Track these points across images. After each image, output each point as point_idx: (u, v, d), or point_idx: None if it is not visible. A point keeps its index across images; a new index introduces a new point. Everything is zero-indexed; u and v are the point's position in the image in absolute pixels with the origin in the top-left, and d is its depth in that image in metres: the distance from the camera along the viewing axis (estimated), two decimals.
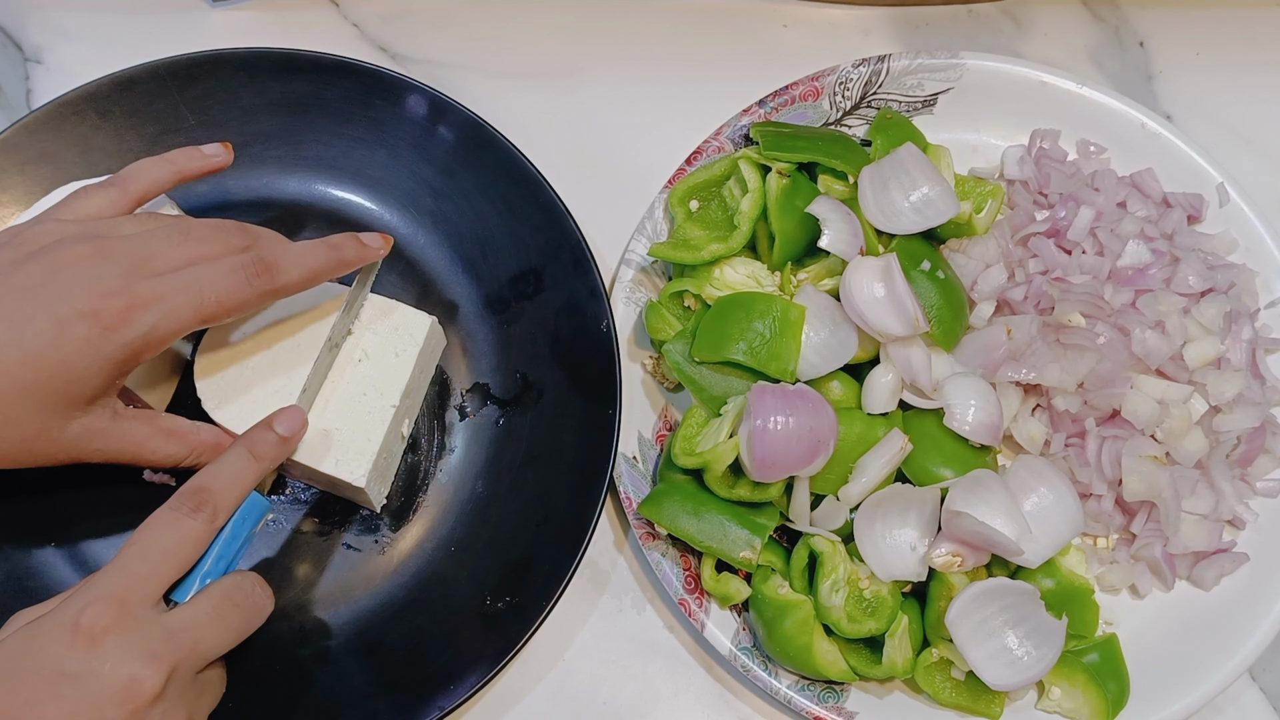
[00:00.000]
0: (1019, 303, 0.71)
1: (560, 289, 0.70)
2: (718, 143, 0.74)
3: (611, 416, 0.66)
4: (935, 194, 0.68)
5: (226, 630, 0.54)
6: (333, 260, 0.62)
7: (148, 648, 0.50)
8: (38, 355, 0.53)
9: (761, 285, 0.68)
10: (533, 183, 0.71)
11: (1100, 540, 0.70)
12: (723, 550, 0.64)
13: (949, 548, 0.62)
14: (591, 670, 0.68)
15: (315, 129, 0.73)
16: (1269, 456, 0.71)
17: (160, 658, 0.50)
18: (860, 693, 0.66)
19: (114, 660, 0.49)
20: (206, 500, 0.55)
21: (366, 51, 0.80)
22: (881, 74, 0.76)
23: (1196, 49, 0.84)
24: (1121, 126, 0.77)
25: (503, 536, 0.66)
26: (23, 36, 0.79)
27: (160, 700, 0.50)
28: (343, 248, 0.62)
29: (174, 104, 0.72)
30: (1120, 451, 0.67)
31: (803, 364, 0.66)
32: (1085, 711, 0.65)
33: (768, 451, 0.61)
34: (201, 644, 0.52)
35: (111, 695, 0.49)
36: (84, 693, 0.49)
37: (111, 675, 0.49)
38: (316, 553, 0.66)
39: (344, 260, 0.62)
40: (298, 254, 0.60)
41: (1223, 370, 0.70)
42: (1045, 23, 0.84)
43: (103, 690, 0.49)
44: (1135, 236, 0.72)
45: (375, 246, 0.64)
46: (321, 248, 0.62)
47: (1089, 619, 0.66)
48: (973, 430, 0.65)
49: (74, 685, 0.49)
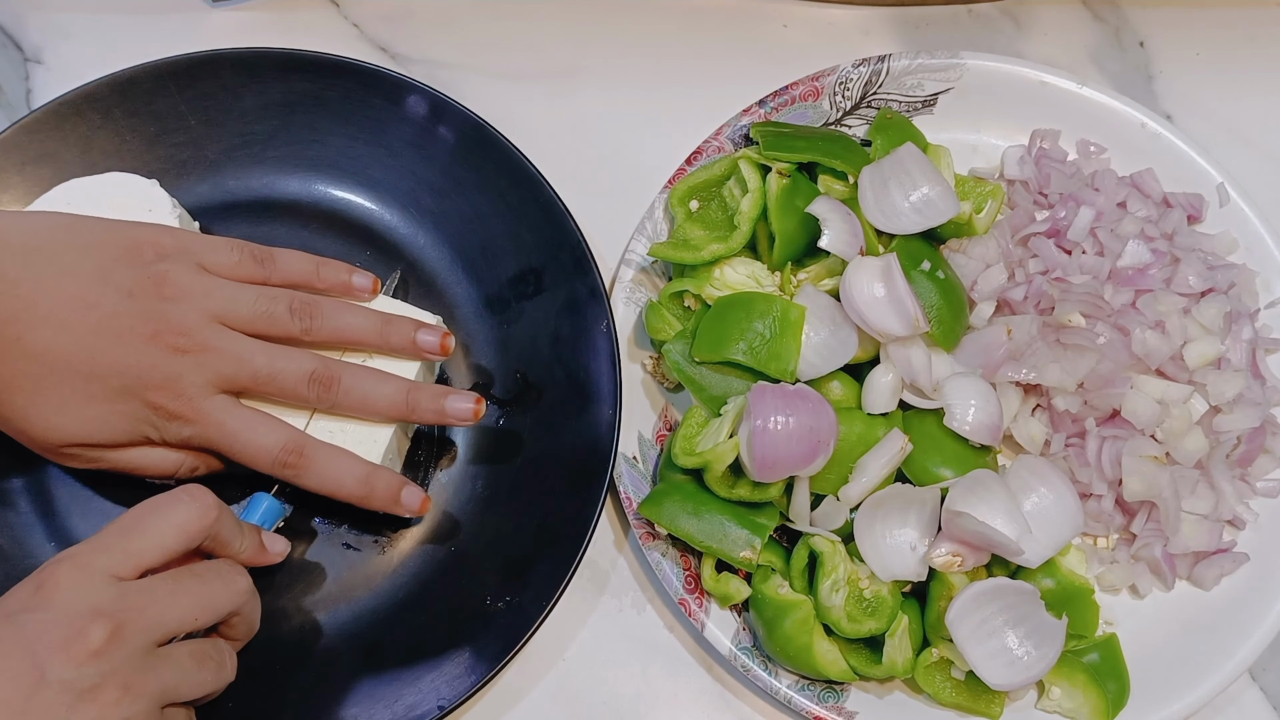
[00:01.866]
0: (1019, 303, 0.71)
1: (560, 289, 0.70)
2: (718, 143, 0.74)
3: (611, 416, 0.66)
4: (935, 194, 0.68)
5: (184, 597, 0.54)
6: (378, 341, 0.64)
7: (95, 604, 0.50)
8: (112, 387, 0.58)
9: (761, 285, 0.68)
10: (533, 183, 0.71)
11: (1100, 540, 0.70)
12: (723, 550, 0.64)
13: (949, 548, 0.62)
14: (591, 670, 0.68)
15: (315, 129, 0.73)
16: (1269, 456, 0.71)
17: (105, 614, 0.50)
18: (860, 693, 0.66)
19: (58, 608, 0.50)
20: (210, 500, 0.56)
21: (366, 51, 0.80)
22: (881, 74, 0.76)
23: (1196, 49, 0.84)
24: (1121, 126, 0.77)
25: (503, 536, 0.66)
26: (23, 36, 0.79)
27: (100, 658, 0.49)
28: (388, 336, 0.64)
29: (174, 104, 0.72)
30: (1120, 451, 0.67)
31: (803, 364, 0.66)
32: (1085, 711, 0.65)
33: (768, 451, 0.61)
34: (150, 610, 0.52)
35: (50, 641, 0.49)
36: (21, 635, 0.49)
37: (52, 622, 0.49)
38: (316, 553, 0.66)
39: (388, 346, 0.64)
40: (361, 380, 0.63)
41: (1223, 370, 0.70)
42: (1045, 23, 0.84)
43: (41, 635, 0.49)
44: (1135, 236, 0.72)
45: (429, 346, 0.64)
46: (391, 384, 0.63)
47: (1089, 619, 0.66)
48: (973, 430, 0.65)
49: (13, 628, 0.49)
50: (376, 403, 0.62)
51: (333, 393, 0.62)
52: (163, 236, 0.61)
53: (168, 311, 0.58)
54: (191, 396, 0.59)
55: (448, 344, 0.64)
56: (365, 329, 0.63)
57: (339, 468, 0.61)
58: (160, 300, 0.59)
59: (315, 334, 0.62)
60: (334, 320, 0.63)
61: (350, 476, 0.62)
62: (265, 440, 0.60)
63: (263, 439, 0.60)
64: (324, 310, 0.63)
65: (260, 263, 0.63)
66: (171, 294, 0.59)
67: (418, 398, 0.63)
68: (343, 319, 0.63)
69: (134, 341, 0.58)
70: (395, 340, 0.64)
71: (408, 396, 0.63)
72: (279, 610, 0.65)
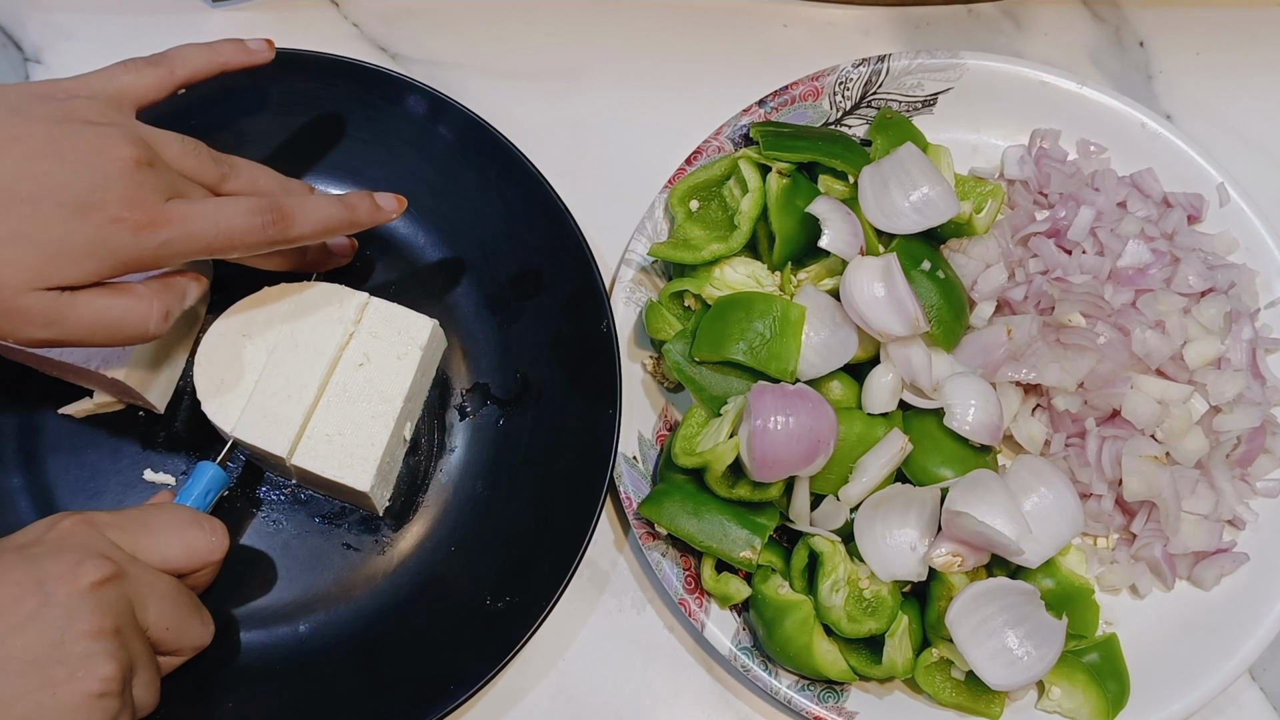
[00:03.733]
0: (1019, 303, 0.71)
1: (560, 289, 0.70)
2: (718, 143, 0.74)
3: (611, 416, 0.66)
4: (935, 194, 0.68)
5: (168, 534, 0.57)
6: (346, 219, 0.63)
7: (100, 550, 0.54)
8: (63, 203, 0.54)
9: (761, 285, 0.68)
10: (533, 183, 0.71)
11: (1100, 540, 0.70)
12: (723, 550, 0.64)
13: (949, 548, 0.62)
14: (591, 670, 0.68)
15: (315, 129, 0.73)
16: (1269, 456, 0.71)
17: (108, 560, 0.53)
18: (860, 693, 0.66)
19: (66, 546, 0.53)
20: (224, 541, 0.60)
21: (366, 51, 0.80)
22: (881, 74, 0.76)
23: (1196, 49, 0.84)
24: (1121, 126, 0.77)
25: (503, 536, 0.66)
26: (23, 36, 0.79)
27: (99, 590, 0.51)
28: (356, 207, 0.63)
29: (174, 104, 0.72)
30: (1120, 451, 0.67)
31: (803, 364, 0.66)
32: (1085, 711, 0.65)
33: (768, 451, 0.61)
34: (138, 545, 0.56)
35: (55, 570, 0.51)
36: (31, 564, 0.52)
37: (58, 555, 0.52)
38: (316, 553, 0.66)
39: (357, 220, 0.63)
40: (314, 206, 0.61)
41: (1223, 370, 0.70)
42: (1045, 23, 0.84)
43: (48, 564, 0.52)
44: (1135, 236, 0.72)
45: (389, 209, 0.64)
46: (337, 204, 0.62)
47: (1089, 619, 0.66)
48: (973, 430, 0.65)
49: (24, 558, 0.52)
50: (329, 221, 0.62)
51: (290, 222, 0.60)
52: (77, 87, 0.59)
53: (106, 132, 0.56)
54: (153, 203, 0.56)
55: (403, 201, 0.65)
56: (334, 215, 0.62)
57: (319, 208, 0.61)
58: (89, 125, 0.56)
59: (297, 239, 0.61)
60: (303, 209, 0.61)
61: (333, 211, 0.62)
62: (242, 217, 0.58)
63: (239, 217, 0.58)
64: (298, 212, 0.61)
65: (216, 162, 0.61)
66: (98, 120, 0.57)
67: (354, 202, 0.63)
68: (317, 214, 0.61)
69: (78, 159, 0.55)
70: (362, 214, 0.63)
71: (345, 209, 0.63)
72: (279, 610, 0.65)
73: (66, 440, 0.67)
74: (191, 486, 0.63)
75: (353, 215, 0.63)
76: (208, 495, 0.63)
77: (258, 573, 0.66)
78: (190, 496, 0.63)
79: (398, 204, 0.65)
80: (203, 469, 0.64)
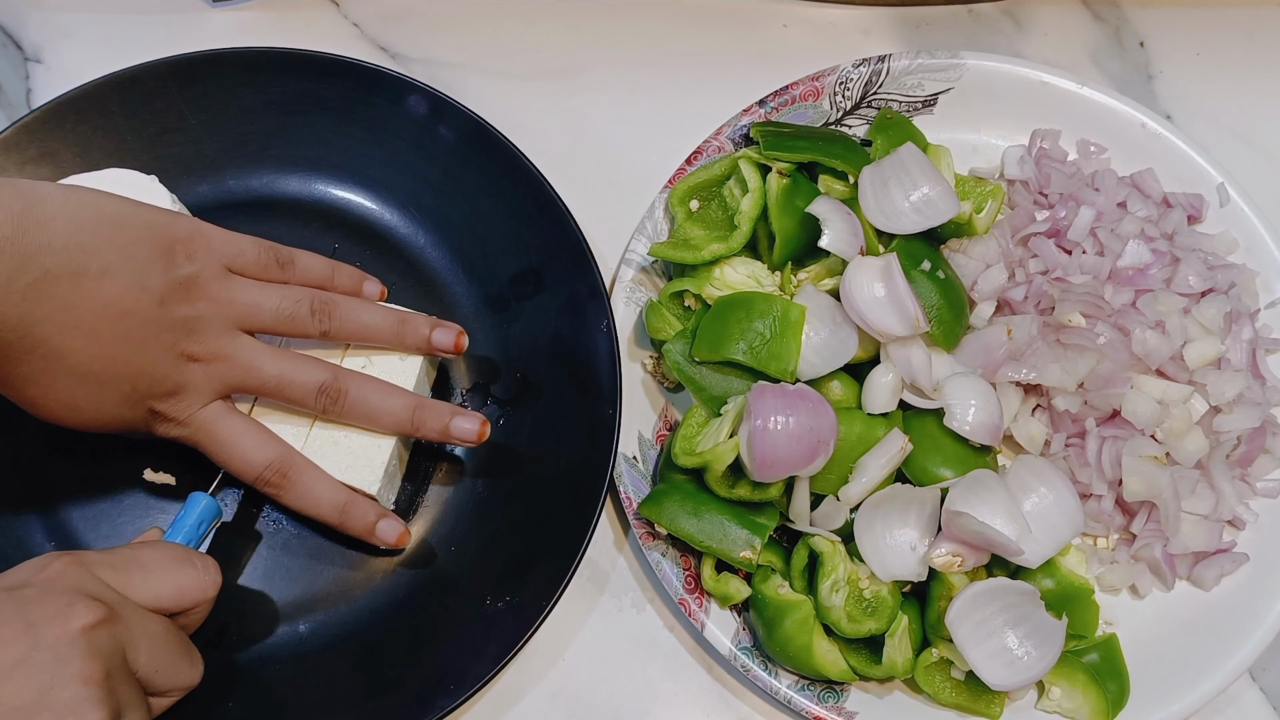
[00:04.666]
0: (1019, 303, 0.71)
1: (560, 289, 0.70)
2: (718, 143, 0.74)
3: (611, 416, 0.66)
4: (935, 194, 0.68)
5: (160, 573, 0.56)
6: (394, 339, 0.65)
7: (92, 591, 0.52)
8: None
9: (761, 285, 0.68)
10: (533, 183, 0.71)
11: (1100, 540, 0.70)
12: (723, 550, 0.64)
13: (949, 548, 0.62)
14: (591, 670, 0.68)
15: (315, 129, 0.73)
16: (1269, 456, 0.71)
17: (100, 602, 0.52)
18: (860, 693, 0.66)
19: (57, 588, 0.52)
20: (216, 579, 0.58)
21: (366, 51, 0.80)
22: (881, 74, 0.76)
23: (1196, 49, 0.84)
24: (1121, 126, 0.77)
25: (503, 536, 0.66)
26: (23, 36, 0.79)
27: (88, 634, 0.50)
28: (404, 335, 0.65)
29: (174, 104, 0.72)
30: (1120, 451, 0.67)
31: (803, 364, 0.66)
32: (1085, 711, 0.65)
33: (768, 451, 0.61)
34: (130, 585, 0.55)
35: (45, 613, 0.50)
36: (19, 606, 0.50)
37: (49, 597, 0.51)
38: (316, 552, 0.66)
39: (404, 344, 0.65)
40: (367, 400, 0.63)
41: (1223, 370, 0.70)
42: (1045, 23, 0.84)
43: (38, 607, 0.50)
44: (1135, 236, 0.72)
45: (444, 344, 0.65)
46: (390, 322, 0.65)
47: (1089, 619, 0.66)
48: (973, 430, 0.65)
49: (13, 600, 0.51)
50: (382, 417, 0.63)
51: (339, 405, 0.63)
52: (195, 240, 0.61)
53: (191, 321, 0.59)
54: (191, 404, 0.60)
55: (462, 342, 0.65)
56: (382, 327, 0.65)
57: (318, 493, 0.63)
58: (188, 305, 0.59)
59: (335, 335, 0.64)
60: (352, 320, 0.64)
61: (328, 503, 0.63)
62: (252, 455, 0.61)
63: (250, 454, 0.61)
64: (342, 310, 0.64)
65: (282, 266, 0.64)
66: (198, 299, 0.60)
67: (423, 416, 0.63)
68: (360, 318, 0.64)
69: (153, 350, 0.58)
70: (411, 339, 0.65)
71: (414, 414, 0.63)
72: (279, 611, 0.65)
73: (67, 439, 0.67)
74: (183, 520, 0.62)
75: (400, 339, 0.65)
76: (200, 528, 0.62)
77: (258, 573, 0.66)
78: (182, 531, 0.61)
79: (456, 342, 0.65)
80: (194, 501, 0.62)
